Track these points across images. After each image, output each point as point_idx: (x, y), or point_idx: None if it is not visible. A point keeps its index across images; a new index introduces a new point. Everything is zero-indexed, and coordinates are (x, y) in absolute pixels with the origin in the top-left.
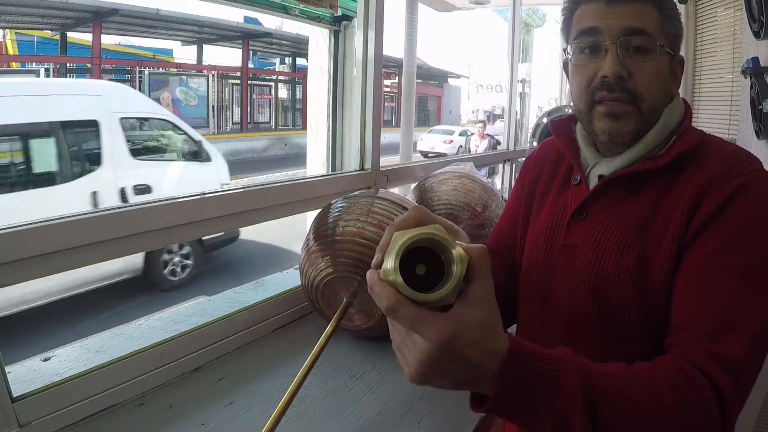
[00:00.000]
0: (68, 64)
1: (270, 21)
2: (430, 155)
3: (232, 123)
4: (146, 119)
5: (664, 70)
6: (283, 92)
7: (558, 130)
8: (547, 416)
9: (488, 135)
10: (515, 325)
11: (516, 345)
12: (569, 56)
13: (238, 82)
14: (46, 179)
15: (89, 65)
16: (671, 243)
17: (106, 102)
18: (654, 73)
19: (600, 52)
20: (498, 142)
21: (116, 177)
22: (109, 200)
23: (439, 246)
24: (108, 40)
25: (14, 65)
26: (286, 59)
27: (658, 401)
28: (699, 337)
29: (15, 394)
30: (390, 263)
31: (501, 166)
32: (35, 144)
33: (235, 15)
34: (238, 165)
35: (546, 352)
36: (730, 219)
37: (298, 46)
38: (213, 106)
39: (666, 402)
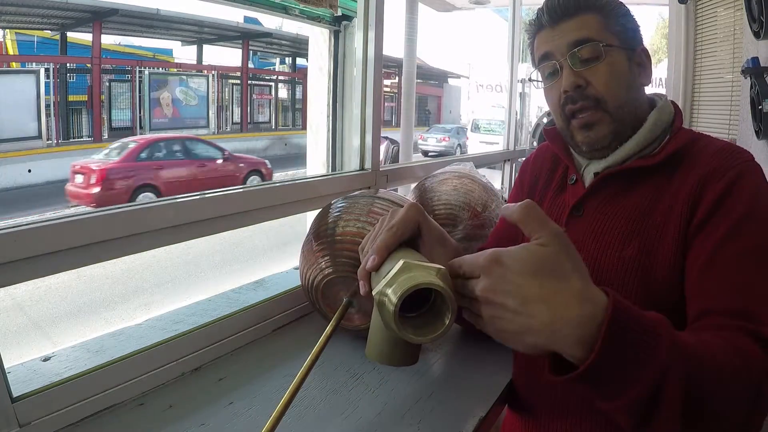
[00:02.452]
0: (68, 64)
1: (270, 21)
2: None
3: (232, 123)
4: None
5: (620, 66)
6: (283, 92)
7: (551, 136)
8: (643, 382)
9: (385, 138)
10: None
11: (618, 299)
12: (536, 83)
13: (238, 82)
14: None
15: (89, 65)
16: (675, 235)
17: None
18: (608, 73)
19: (558, 72)
20: (395, 147)
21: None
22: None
23: (440, 296)
24: (108, 40)
25: (14, 65)
26: (286, 59)
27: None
28: (729, 317)
29: (15, 394)
30: (392, 296)
31: (501, 166)
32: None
33: (235, 15)
34: None
35: (643, 313)
36: (734, 206)
37: (298, 46)
38: (213, 106)
39: (738, 364)
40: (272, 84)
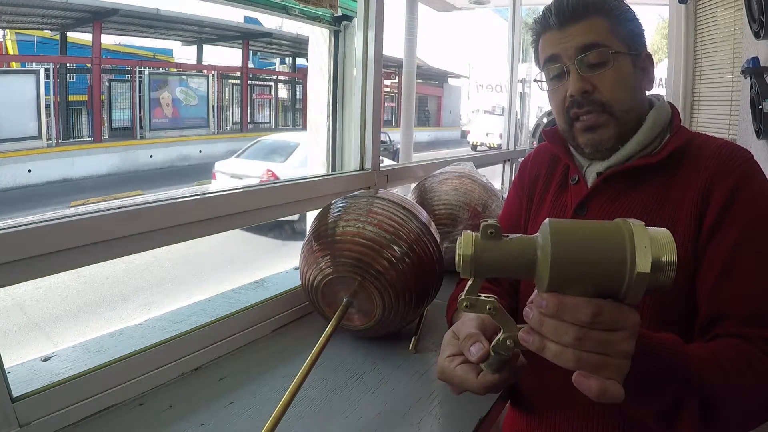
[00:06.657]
0: (68, 64)
1: (270, 21)
2: None
3: (232, 123)
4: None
5: (626, 72)
6: (283, 92)
7: (551, 137)
8: (664, 399)
9: None
10: None
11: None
12: (540, 83)
13: (238, 82)
14: None
15: (89, 65)
16: (685, 238)
17: None
18: (616, 79)
19: (564, 74)
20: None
21: None
22: None
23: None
24: (108, 40)
25: (14, 65)
26: (286, 59)
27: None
28: (743, 323)
29: (15, 394)
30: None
31: (501, 167)
32: None
33: (235, 15)
34: None
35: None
36: (740, 211)
37: (298, 46)
38: (213, 106)
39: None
40: (272, 84)
